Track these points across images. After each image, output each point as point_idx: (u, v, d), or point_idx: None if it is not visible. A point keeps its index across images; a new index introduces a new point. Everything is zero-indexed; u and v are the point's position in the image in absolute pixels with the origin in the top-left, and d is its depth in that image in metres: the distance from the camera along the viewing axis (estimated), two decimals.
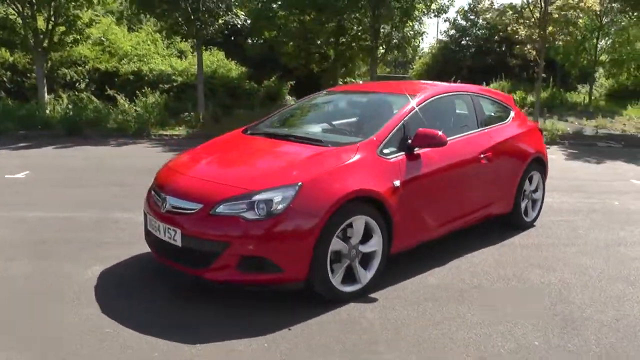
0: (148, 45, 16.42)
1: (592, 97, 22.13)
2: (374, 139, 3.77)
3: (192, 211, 3.27)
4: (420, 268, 4.15)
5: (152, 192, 3.74)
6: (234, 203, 3.19)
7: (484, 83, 26.40)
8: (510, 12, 15.73)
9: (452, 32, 36.24)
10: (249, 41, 18.97)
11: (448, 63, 34.09)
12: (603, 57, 21.84)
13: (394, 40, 15.06)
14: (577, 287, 3.91)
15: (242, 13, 13.53)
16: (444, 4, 15.20)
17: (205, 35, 13.42)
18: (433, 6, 14.91)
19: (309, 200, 3.21)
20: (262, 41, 17.87)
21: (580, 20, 15.47)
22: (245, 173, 3.50)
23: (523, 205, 5.19)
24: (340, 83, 20.99)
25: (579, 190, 7.16)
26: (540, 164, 5.40)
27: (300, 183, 3.24)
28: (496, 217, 4.99)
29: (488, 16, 36.62)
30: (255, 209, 3.15)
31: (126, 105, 13.14)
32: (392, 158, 3.77)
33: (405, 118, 4.00)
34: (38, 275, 3.86)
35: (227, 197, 3.21)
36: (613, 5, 16.49)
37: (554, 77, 28.22)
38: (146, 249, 4.40)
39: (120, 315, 3.25)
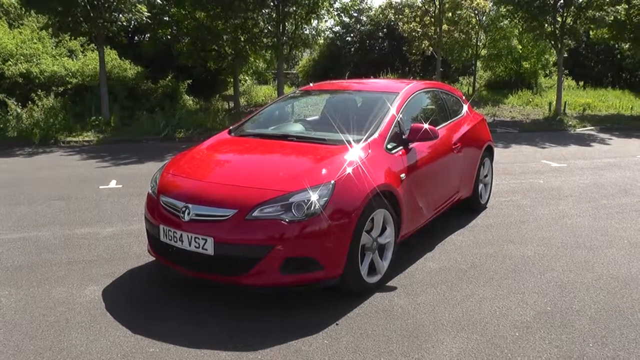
0: (35, 43, 14.85)
1: (481, 88, 24.31)
2: (378, 135, 3.94)
3: (225, 217, 3.19)
4: (414, 254, 4.41)
5: (161, 202, 3.55)
6: (271, 206, 3.17)
7: (371, 77, 27.94)
8: (408, 10, 16.78)
9: (337, 28, 37.49)
10: (144, 39, 18.09)
11: (334, 59, 35.35)
12: (483, 52, 24.05)
13: (302, 37, 15.29)
14: (551, 257, 4.44)
15: (145, 10, 12.81)
16: (347, 3, 15.76)
17: (107, 33, 12.54)
18: (337, 4, 15.39)
19: (343, 197, 3.30)
20: (160, 39, 17.13)
21: (473, 20, 17.01)
22: (273, 175, 3.46)
23: (479, 189, 5.71)
24: (242, 81, 20.84)
25: (505, 173, 7.98)
26: (490, 151, 5.97)
27: (333, 181, 3.31)
28: (460, 202, 5.43)
29: (372, 13, 38.49)
30: (293, 210, 3.16)
31: (19, 111, 11.92)
32: (395, 153, 3.99)
33: (399, 114, 4.24)
34: (32, 304, 3.48)
35: (263, 200, 3.18)
36: (495, 6, 18.22)
37: (447, 72, 30.67)
38: (138, 263, 4.22)
39: (155, 333, 3.08)
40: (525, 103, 19.86)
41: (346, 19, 36.27)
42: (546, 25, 15.97)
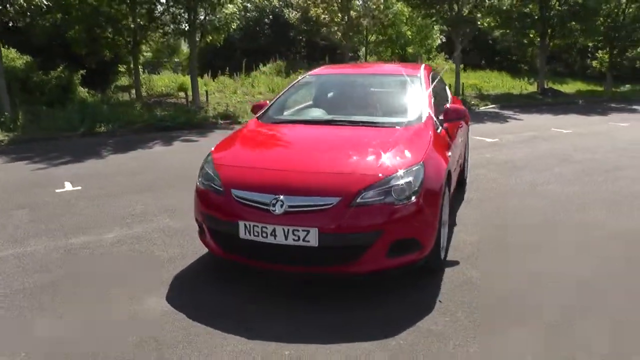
0: None
1: None
2: (429, 117, 4.02)
3: (328, 206, 3.05)
4: None
5: (235, 197, 3.26)
6: (373, 190, 3.11)
7: (262, 64, 27.72)
8: None
9: None
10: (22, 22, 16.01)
11: (221, 46, 34.42)
12: (372, 38, 25.00)
13: (213, 24, 14.71)
14: (557, 223, 4.83)
15: None
16: None
17: (3, 18, 10.89)
18: None
19: (431, 177, 3.34)
20: (44, 26, 15.32)
21: (382, 6, 17.63)
22: (362, 160, 3.37)
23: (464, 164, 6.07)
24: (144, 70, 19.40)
25: None
26: (467, 130, 6.36)
27: (422, 162, 3.33)
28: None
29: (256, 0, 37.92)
30: (394, 193, 3.13)
31: None
32: (440, 133, 4.10)
33: (431, 95, 4.35)
34: (93, 327, 3.03)
35: (365, 185, 3.11)
36: None
37: (323, 55, 31.47)
38: (179, 266, 3.88)
39: (270, 334, 2.88)
40: None
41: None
42: (442, 13, 17.17)
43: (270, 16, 35.94)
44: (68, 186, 6.28)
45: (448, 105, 4.34)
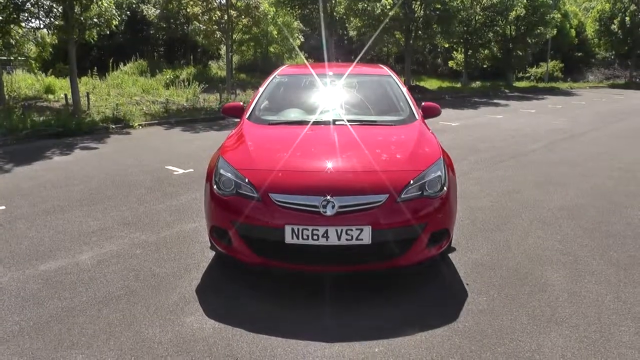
0: None
1: (234, 72, 25.09)
2: (420, 113, 4.30)
3: (378, 203, 3.14)
4: None
5: (276, 202, 3.17)
6: (413, 186, 3.27)
7: (122, 64, 26.01)
8: None
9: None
10: None
11: (76, 43, 31.53)
12: (236, 37, 24.69)
13: (94, 20, 13.49)
14: (507, 204, 5.51)
15: None
16: None
17: None
18: None
19: (449, 169, 3.62)
20: None
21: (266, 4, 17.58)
22: (393, 157, 3.50)
23: None
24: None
25: None
26: None
27: (441, 157, 3.58)
28: None
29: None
30: (428, 188, 3.33)
31: None
32: None
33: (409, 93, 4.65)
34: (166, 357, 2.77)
35: (408, 181, 3.25)
36: None
37: (195, 56, 30.51)
38: (193, 280, 3.68)
39: (343, 334, 2.91)
40: None
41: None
42: (315, 13, 17.82)
43: (128, 12, 33.76)
44: None
45: (424, 103, 4.65)
